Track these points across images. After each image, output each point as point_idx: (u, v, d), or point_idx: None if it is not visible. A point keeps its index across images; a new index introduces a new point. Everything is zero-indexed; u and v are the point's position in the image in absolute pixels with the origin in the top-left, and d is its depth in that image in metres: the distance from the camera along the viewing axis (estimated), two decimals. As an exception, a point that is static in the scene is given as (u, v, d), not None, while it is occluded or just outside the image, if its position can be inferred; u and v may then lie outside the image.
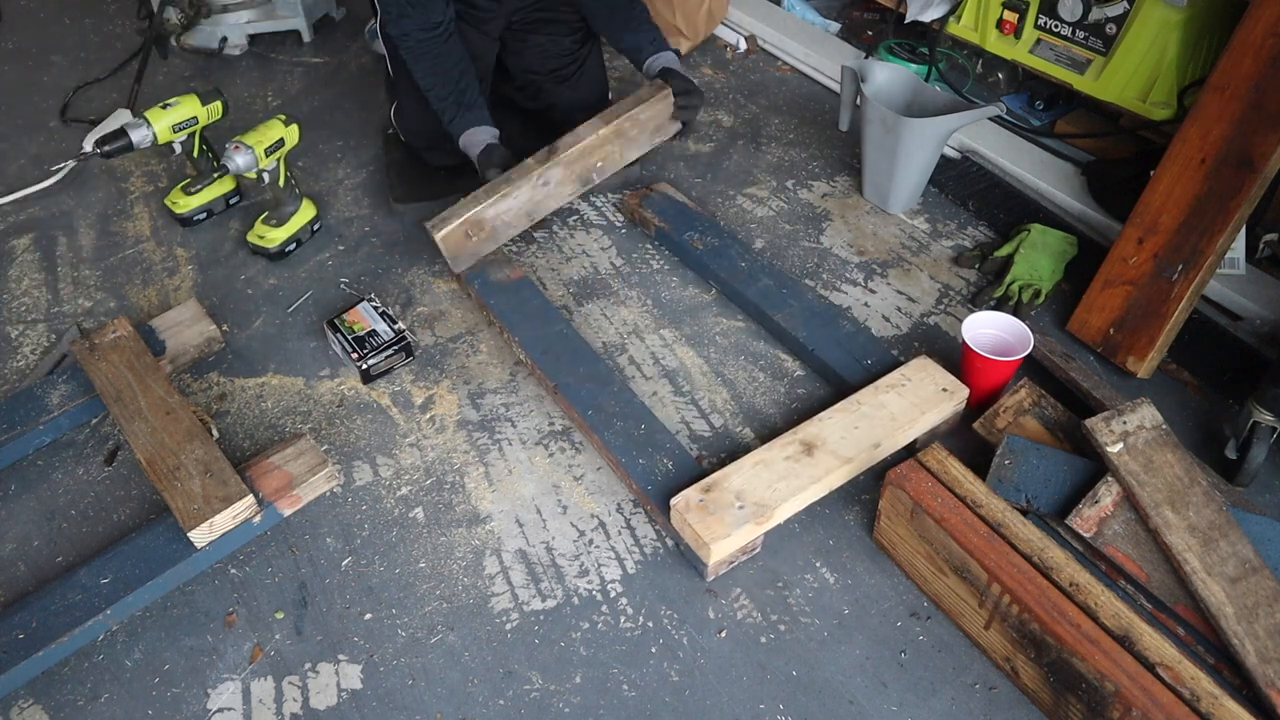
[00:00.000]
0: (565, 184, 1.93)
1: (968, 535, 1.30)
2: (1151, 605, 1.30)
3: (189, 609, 1.42)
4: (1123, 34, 2.06)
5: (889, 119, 1.95)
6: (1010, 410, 1.56)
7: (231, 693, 1.32)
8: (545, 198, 1.92)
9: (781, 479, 1.43)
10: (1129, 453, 1.38)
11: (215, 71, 2.68)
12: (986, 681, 1.32)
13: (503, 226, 1.88)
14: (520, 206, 1.89)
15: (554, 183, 1.91)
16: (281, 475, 1.50)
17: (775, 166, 2.28)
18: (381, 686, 1.32)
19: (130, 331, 1.71)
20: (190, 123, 1.97)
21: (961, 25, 2.37)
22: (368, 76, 2.65)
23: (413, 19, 1.86)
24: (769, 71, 2.65)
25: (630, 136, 1.97)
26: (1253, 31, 1.47)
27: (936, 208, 2.14)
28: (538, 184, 1.89)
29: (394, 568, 1.47)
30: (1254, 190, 1.53)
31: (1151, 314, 1.67)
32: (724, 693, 1.31)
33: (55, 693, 1.32)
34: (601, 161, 1.96)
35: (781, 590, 1.43)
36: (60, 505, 1.56)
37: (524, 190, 1.87)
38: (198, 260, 2.03)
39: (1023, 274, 1.89)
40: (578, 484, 1.58)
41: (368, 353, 1.73)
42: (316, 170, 2.29)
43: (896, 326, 1.85)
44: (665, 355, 1.80)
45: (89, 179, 2.27)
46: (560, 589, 1.43)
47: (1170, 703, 1.13)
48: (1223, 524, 1.31)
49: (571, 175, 1.93)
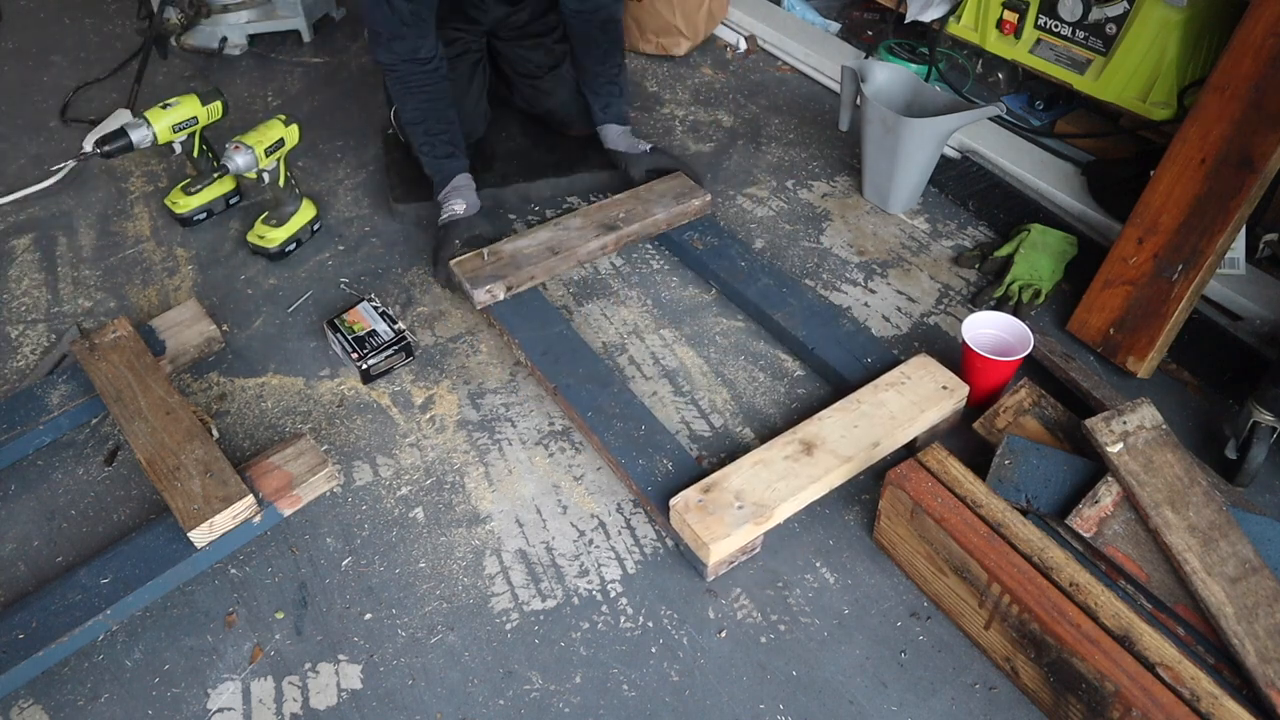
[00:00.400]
0: (587, 229, 1.92)
1: (968, 535, 1.30)
2: (1151, 605, 1.30)
3: (189, 609, 1.42)
4: (1123, 34, 2.06)
5: (889, 119, 1.95)
6: (1010, 410, 1.56)
7: (231, 693, 1.32)
8: (567, 242, 1.90)
9: (781, 479, 1.42)
10: (1129, 453, 1.38)
11: (215, 71, 2.68)
12: (986, 681, 1.32)
13: (524, 259, 1.85)
14: (539, 246, 1.88)
15: (573, 229, 1.92)
16: (281, 475, 1.50)
17: (775, 166, 2.28)
18: (381, 686, 1.32)
19: (130, 331, 1.71)
20: (190, 123, 1.97)
21: (961, 25, 2.37)
22: (368, 76, 2.65)
23: (400, 46, 1.83)
24: (769, 71, 2.65)
25: (648, 199, 2.00)
26: (1253, 31, 1.47)
27: (936, 208, 2.14)
28: (556, 228, 1.91)
29: (394, 568, 1.47)
30: (1254, 190, 1.52)
31: (1151, 314, 1.67)
32: (724, 693, 1.31)
33: (55, 693, 1.32)
34: (624, 213, 1.96)
35: (781, 590, 1.43)
36: (60, 505, 1.56)
37: (543, 232, 1.90)
38: (198, 260, 2.03)
39: (1023, 274, 1.89)
40: (578, 484, 1.58)
41: (368, 353, 1.73)
42: (316, 170, 2.29)
43: (896, 326, 1.85)
44: (665, 355, 1.80)
45: (89, 179, 2.27)
46: (560, 589, 1.43)
47: (1170, 703, 1.13)
48: (1223, 524, 1.31)
49: (591, 222, 1.93)
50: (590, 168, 2.19)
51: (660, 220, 1.97)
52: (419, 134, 1.91)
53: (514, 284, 1.81)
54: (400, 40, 1.83)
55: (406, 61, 1.85)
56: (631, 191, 2.01)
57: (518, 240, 1.88)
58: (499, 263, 1.82)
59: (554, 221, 1.94)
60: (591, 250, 1.91)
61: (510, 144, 2.25)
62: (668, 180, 2.04)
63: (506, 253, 1.85)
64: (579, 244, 1.89)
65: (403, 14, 1.79)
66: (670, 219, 1.98)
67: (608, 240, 1.92)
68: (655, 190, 2.02)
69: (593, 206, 1.98)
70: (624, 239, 1.95)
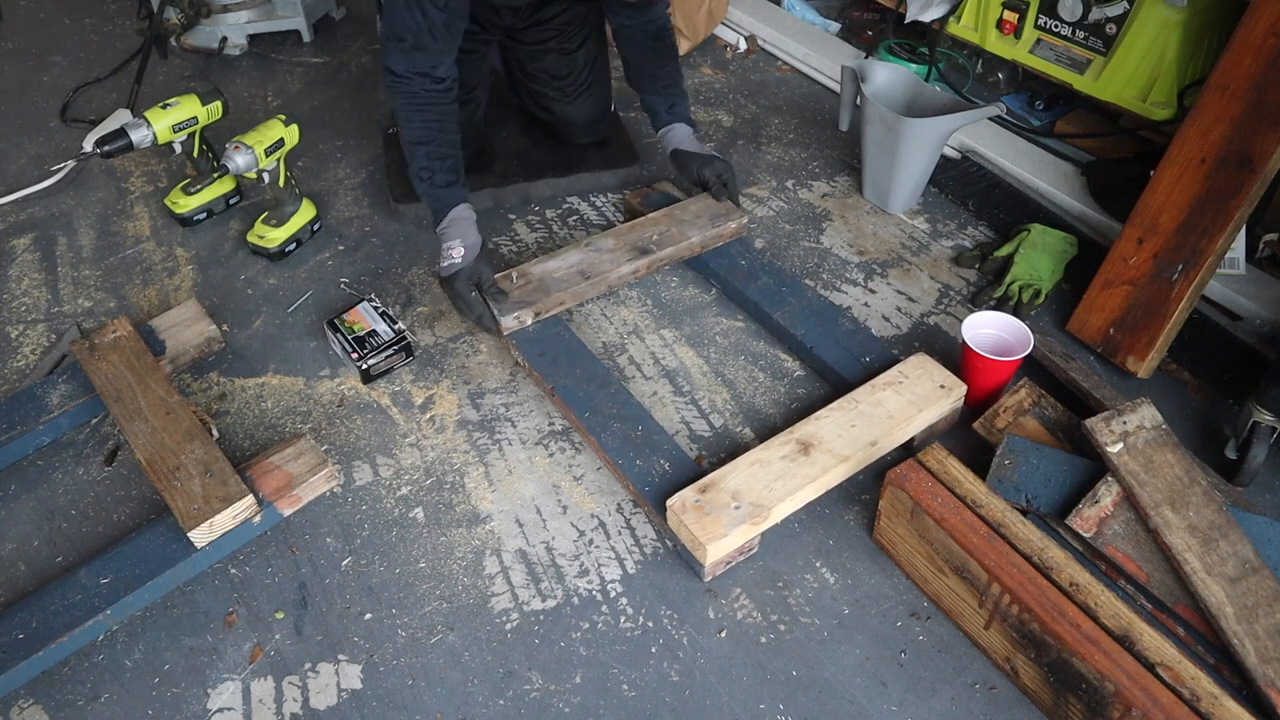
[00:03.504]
0: (618, 251, 1.86)
1: (968, 535, 1.30)
2: (1151, 605, 1.30)
3: (189, 609, 1.42)
4: (1123, 34, 2.06)
5: (889, 119, 1.95)
6: (1010, 410, 1.56)
7: (231, 693, 1.32)
8: (599, 266, 1.84)
9: (778, 478, 1.42)
10: (1129, 453, 1.38)
11: (215, 71, 2.68)
12: (986, 681, 1.32)
13: (554, 283, 1.79)
14: (569, 268, 1.83)
15: (605, 250, 1.86)
16: (281, 475, 1.50)
17: (775, 166, 2.28)
18: (381, 686, 1.32)
19: (130, 331, 1.71)
20: (190, 123, 1.97)
21: (961, 25, 2.37)
22: (368, 76, 2.65)
23: (421, 58, 1.73)
24: (769, 71, 2.65)
25: (683, 220, 1.94)
26: (1253, 31, 1.47)
27: (936, 208, 2.14)
28: (587, 249, 1.86)
29: (394, 568, 1.47)
30: (1254, 190, 1.52)
31: (1151, 314, 1.67)
32: (724, 693, 1.31)
33: (55, 693, 1.32)
34: (657, 235, 1.90)
35: (781, 590, 1.43)
36: (60, 505, 1.56)
37: (574, 253, 1.85)
38: (198, 260, 2.03)
39: (1023, 274, 1.89)
40: (578, 484, 1.58)
41: (368, 353, 1.73)
42: (316, 170, 2.29)
43: (896, 326, 1.85)
44: (665, 355, 1.80)
45: (89, 179, 2.28)
46: (560, 589, 1.43)
47: (1170, 703, 1.13)
48: (1223, 524, 1.31)
49: (623, 244, 1.88)
50: (591, 168, 2.18)
51: (695, 243, 1.90)
52: (420, 156, 1.79)
53: (542, 310, 1.75)
54: (422, 52, 1.73)
55: (421, 75, 1.75)
56: (665, 211, 1.95)
57: (547, 262, 1.82)
58: (528, 287, 1.77)
59: (585, 242, 1.87)
60: (623, 275, 1.85)
61: (510, 144, 2.25)
62: (702, 200, 1.98)
63: (535, 275, 1.79)
64: (610, 268, 1.82)
65: (435, 24, 1.70)
66: (705, 241, 1.91)
67: (640, 265, 1.86)
68: (690, 210, 1.95)
69: (624, 226, 1.91)
70: (656, 263, 1.89)
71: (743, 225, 1.97)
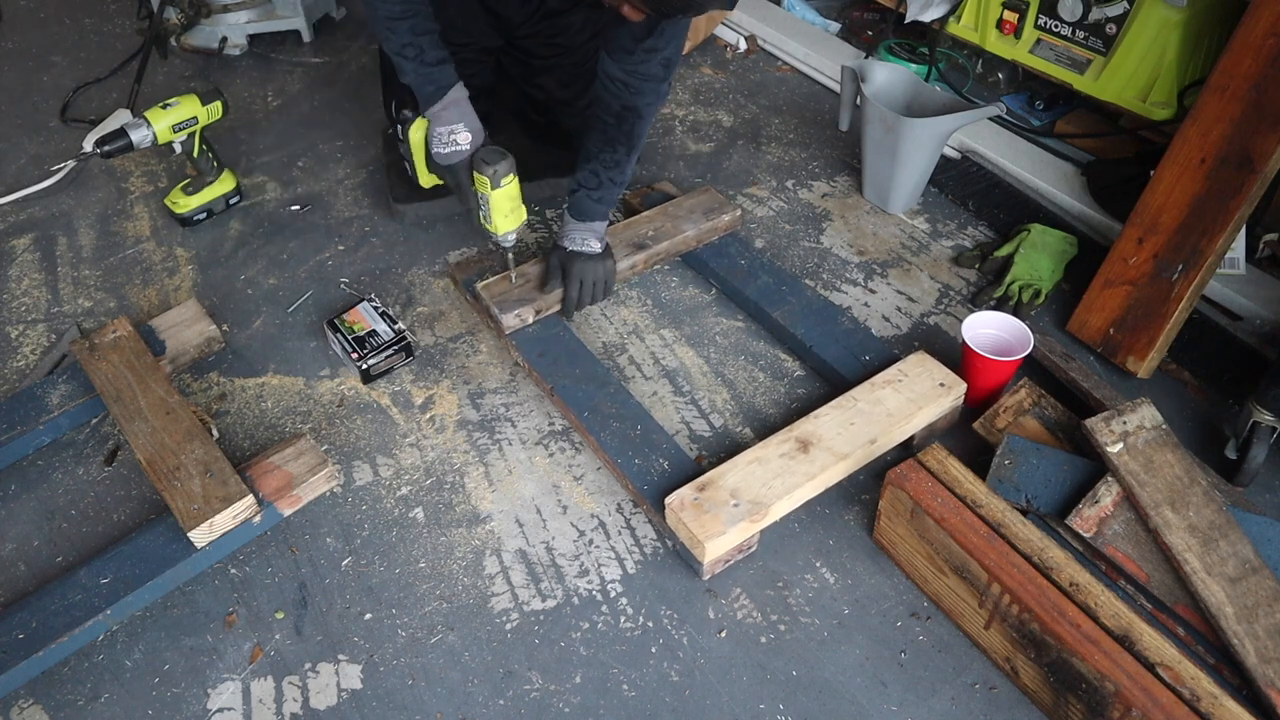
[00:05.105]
0: (616, 248, 1.86)
1: (968, 535, 1.30)
2: (1151, 605, 1.30)
3: (189, 609, 1.42)
4: (1123, 34, 2.06)
5: (889, 119, 1.95)
6: (1010, 410, 1.56)
7: (231, 693, 1.32)
8: None
9: (777, 476, 1.42)
10: (1129, 453, 1.38)
11: (215, 71, 2.68)
12: (986, 681, 1.32)
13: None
14: None
15: None
16: (281, 475, 1.50)
17: (775, 166, 2.28)
18: (381, 686, 1.32)
19: (130, 331, 1.71)
20: (190, 123, 1.97)
21: (961, 25, 2.37)
22: (368, 76, 2.64)
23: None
24: (769, 71, 2.65)
25: (677, 215, 1.96)
26: (1253, 31, 1.47)
27: (936, 208, 2.14)
28: None
29: (394, 568, 1.47)
30: (1254, 190, 1.52)
31: (1151, 314, 1.67)
32: (724, 693, 1.31)
33: (55, 693, 1.32)
34: (653, 230, 1.92)
35: (781, 590, 1.43)
36: (60, 505, 1.56)
37: None
38: (198, 260, 2.03)
39: (1023, 274, 1.89)
40: (578, 484, 1.58)
41: (368, 353, 1.73)
42: (316, 170, 2.29)
43: (896, 326, 1.85)
44: (665, 355, 1.80)
45: (89, 179, 2.27)
46: (560, 589, 1.43)
47: (1170, 703, 1.13)
48: (1223, 524, 1.31)
49: (619, 241, 1.89)
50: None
51: (690, 237, 1.93)
52: (403, 31, 1.53)
53: (543, 308, 1.77)
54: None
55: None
56: (660, 208, 1.98)
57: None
58: (527, 285, 1.78)
59: None
60: (621, 270, 1.87)
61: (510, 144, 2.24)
62: (696, 195, 2.00)
63: (534, 274, 1.81)
64: None
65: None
66: (700, 235, 1.94)
67: (637, 260, 1.88)
68: (684, 206, 1.98)
69: (620, 224, 1.94)
70: (653, 258, 1.92)
71: (737, 218, 1.98)
